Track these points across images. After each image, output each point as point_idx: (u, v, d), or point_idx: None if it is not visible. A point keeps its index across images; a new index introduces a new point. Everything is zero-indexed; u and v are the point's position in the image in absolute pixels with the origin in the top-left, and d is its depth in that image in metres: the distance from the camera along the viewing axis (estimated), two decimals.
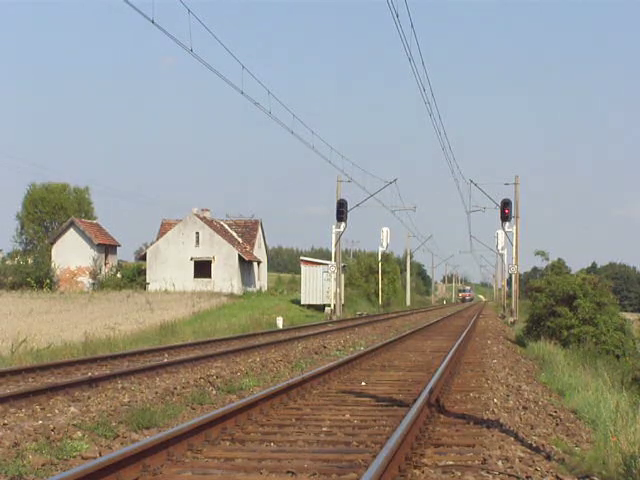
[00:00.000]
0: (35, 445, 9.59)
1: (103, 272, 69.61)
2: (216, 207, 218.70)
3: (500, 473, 8.37)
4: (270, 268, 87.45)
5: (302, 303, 61.13)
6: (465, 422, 11.30)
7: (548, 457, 9.43)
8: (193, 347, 24.16)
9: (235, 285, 66.93)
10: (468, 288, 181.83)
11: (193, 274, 67.77)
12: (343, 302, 56.93)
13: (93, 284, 68.46)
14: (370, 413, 12.16)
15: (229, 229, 73.66)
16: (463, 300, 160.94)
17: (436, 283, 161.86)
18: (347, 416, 11.82)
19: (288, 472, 8.35)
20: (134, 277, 69.85)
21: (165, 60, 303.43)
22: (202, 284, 66.63)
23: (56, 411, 11.96)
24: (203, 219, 69.26)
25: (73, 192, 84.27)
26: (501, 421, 11.35)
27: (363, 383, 15.87)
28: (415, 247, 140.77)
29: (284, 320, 40.30)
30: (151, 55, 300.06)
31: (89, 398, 13.31)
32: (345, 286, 65.86)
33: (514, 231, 52.35)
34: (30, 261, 70.63)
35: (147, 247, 72.54)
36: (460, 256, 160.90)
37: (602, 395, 13.88)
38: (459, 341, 24.78)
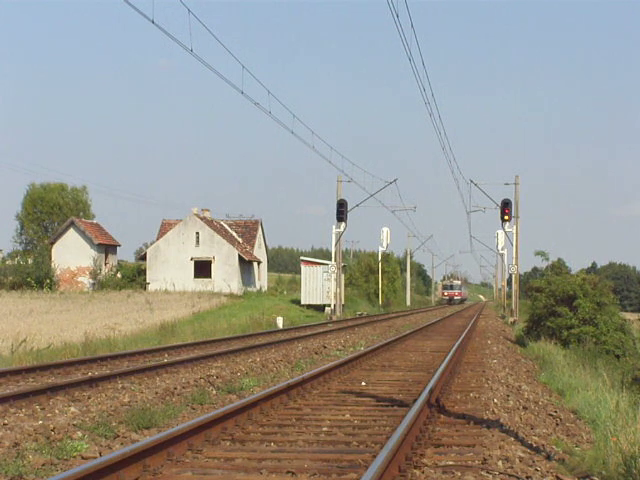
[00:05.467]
0: (35, 445, 9.59)
1: (103, 272, 69.54)
2: (216, 207, 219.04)
3: (500, 473, 8.37)
4: (270, 268, 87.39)
5: (302, 303, 61.10)
6: (465, 422, 11.29)
7: (548, 457, 9.44)
8: (193, 347, 24.15)
9: (235, 285, 66.89)
10: (457, 283, 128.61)
11: (193, 274, 67.74)
12: (343, 302, 56.91)
13: (93, 284, 68.41)
14: (370, 413, 12.16)
15: (229, 229, 73.64)
16: (450, 301, 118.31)
17: (436, 283, 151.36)
18: (347, 416, 11.82)
19: (288, 472, 8.35)
20: (134, 277, 69.80)
21: (165, 60, 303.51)
22: (202, 284, 66.61)
23: (56, 411, 11.96)
24: (203, 219, 69.25)
25: (70, 192, 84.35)
26: (501, 421, 11.35)
27: (363, 383, 15.87)
28: (415, 247, 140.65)
29: (284, 320, 40.28)
30: (151, 55, 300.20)
31: (89, 398, 13.31)
32: (345, 286, 65.84)
33: (514, 231, 52.32)
34: (30, 261, 70.55)
35: (147, 247, 72.51)
36: (460, 256, 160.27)
37: (602, 395, 13.87)
38: (459, 341, 24.78)
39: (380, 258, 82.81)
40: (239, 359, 20.41)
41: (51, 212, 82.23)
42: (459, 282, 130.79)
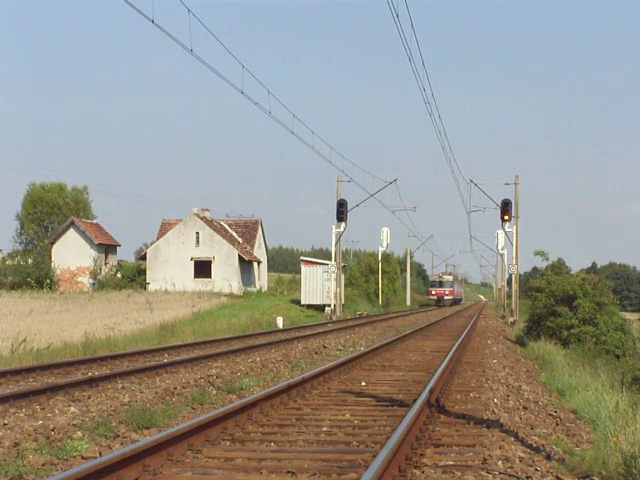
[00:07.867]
0: (35, 445, 9.59)
1: (103, 272, 69.54)
2: (216, 207, 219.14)
3: (500, 473, 8.37)
4: (270, 268, 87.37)
5: (302, 303, 61.06)
6: (465, 422, 11.29)
7: (548, 457, 9.44)
8: (193, 347, 24.15)
9: (235, 285, 66.89)
10: (448, 279, 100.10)
11: (193, 274, 67.74)
12: (343, 302, 56.90)
13: (93, 284, 68.41)
14: (370, 413, 12.16)
15: (229, 229, 73.64)
16: (438, 302, 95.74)
17: None
18: (347, 416, 11.82)
19: (288, 472, 8.35)
20: (134, 277, 69.80)
21: (165, 60, 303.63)
22: (202, 284, 66.60)
23: (56, 411, 11.96)
24: (203, 219, 69.24)
25: (71, 192, 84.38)
26: (501, 421, 11.35)
27: (363, 383, 15.87)
28: (415, 247, 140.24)
29: (284, 320, 40.27)
30: (151, 55, 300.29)
31: (89, 398, 13.31)
32: (345, 286, 65.82)
33: (514, 231, 52.32)
34: (30, 261, 70.57)
35: (147, 247, 72.50)
36: (460, 256, 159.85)
37: (602, 395, 13.87)
38: (459, 341, 24.77)
39: (380, 258, 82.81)
40: (239, 359, 20.41)
41: (51, 212, 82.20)
42: (450, 278, 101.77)
